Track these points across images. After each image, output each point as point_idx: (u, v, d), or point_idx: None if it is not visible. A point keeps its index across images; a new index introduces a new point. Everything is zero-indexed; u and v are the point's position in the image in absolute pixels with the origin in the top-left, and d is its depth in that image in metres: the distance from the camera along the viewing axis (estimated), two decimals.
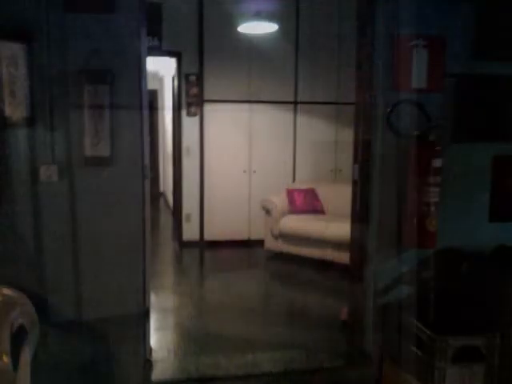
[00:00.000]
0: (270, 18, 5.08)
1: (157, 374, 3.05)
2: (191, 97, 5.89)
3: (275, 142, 6.18)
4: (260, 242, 5.84)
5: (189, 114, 5.94)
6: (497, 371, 2.64)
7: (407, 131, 2.86)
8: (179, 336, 3.72)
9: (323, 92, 6.08)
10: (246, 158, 6.15)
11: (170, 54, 5.94)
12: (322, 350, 3.31)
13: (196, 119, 5.89)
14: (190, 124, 5.93)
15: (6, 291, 2.24)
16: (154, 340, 3.48)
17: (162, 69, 7.93)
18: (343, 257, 4.30)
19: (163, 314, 4.08)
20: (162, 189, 10.04)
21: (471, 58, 2.97)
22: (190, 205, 6.01)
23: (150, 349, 3.29)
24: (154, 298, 4.01)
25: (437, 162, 2.79)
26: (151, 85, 5.00)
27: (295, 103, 6.19)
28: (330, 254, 5.13)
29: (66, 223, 3.38)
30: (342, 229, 4.42)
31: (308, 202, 5.79)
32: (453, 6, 2.92)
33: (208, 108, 5.88)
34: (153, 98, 9.02)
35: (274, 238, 5.65)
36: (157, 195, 9.66)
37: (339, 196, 5.31)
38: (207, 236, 5.95)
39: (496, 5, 2.99)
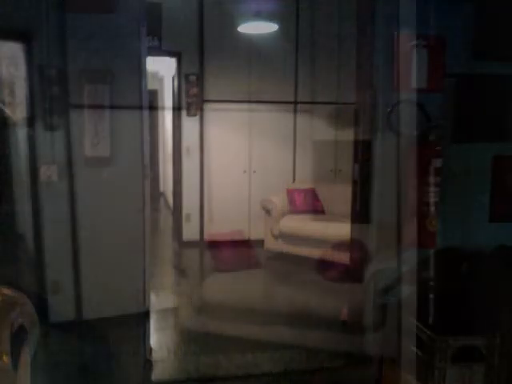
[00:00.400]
0: (270, 17, 5.08)
1: (157, 374, 3.05)
2: (191, 97, 5.89)
3: (275, 142, 6.17)
4: (260, 242, 5.83)
5: (189, 114, 5.93)
6: (497, 371, 2.64)
7: (407, 131, 2.86)
8: (179, 336, 3.72)
9: (323, 92, 6.07)
10: (245, 158, 6.14)
11: (169, 53, 5.93)
12: (322, 350, 3.31)
13: (196, 119, 5.88)
14: (189, 124, 5.93)
15: (6, 291, 2.24)
16: (153, 340, 3.48)
17: (161, 69, 7.92)
18: (343, 257, 4.29)
19: (163, 314, 4.08)
20: (162, 189, 10.03)
21: (471, 57, 2.97)
22: (190, 205, 5.99)
23: (150, 349, 3.29)
24: (154, 298, 4.01)
25: (437, 162, 2.79)
26: (151, 85, 4.99)
27: (295, 103, 6.18)
28: (329, 254, 5.12)
29: (65, 223, 3.38)
30: (342, 229, 4.42)
31: (308, 202, 5.78)
32: (453, 6, 2.92)
33: (208, 108, 5.88)
34: (153, 98, 9.00)
35: (274, 238, 5.65)
36: (157, 195, 9.65)
37: (339, 196, 5.30)
38: (207, 236, 5.94)
39: (496, 5, 2.99)
